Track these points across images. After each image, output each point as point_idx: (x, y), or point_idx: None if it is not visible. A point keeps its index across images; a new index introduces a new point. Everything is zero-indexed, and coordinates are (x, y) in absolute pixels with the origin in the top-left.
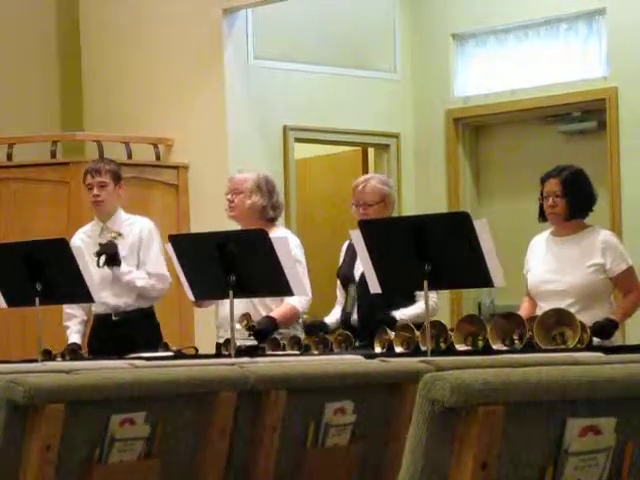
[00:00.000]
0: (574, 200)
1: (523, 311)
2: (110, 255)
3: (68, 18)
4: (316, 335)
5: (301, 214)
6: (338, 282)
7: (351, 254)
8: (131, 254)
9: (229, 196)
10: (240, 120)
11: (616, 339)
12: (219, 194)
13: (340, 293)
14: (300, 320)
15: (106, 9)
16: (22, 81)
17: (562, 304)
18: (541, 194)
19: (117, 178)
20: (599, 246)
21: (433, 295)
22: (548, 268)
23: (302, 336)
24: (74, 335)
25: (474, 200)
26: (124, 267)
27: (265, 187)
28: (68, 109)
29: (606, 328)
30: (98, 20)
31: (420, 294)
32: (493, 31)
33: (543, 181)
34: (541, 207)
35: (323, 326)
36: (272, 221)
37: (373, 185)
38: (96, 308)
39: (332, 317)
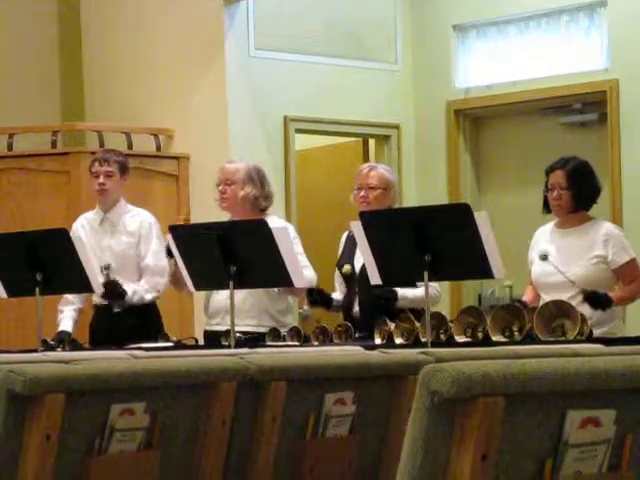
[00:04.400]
0: (579, 192)
1: (527, 296)
2: (116, 296)
3: (69, 8)
4: (318, 306)
5: (302, 205)
6: (336, 273)
7: (350, 245)
8: (130, 248)
9: (221, 187)
10: (241, 111)
11: (619, 330)
12: None
13: (338, 284)
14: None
15: (107, 0)
16: (22, 71)
17: (565, 296)
18: (546, 186)
19: (124, 170)
20: (601, 238)
21: (434, 284)
22: (551, 260)
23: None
24: (66, 321)
25: (474, 191)
26: (129, 292)
27: (257, 177)
28: (69, 99)
29: (599, 298)
30: (99, 11)
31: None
32: (494, 22)
33: (548, 173)
34: (545, 199)
35: (326, 298)
36: (263, 211)
37: (379, 171)
38: (97, 298)
39: (336, 295)
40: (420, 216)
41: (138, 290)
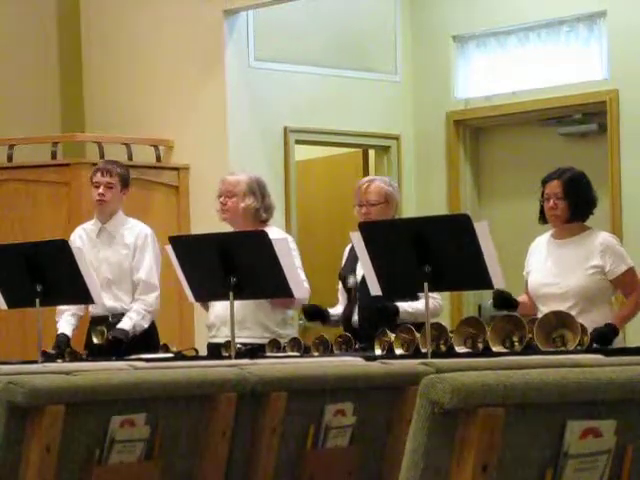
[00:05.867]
0: (575, 202)
1: (525, 300)
2: (121, 344)
3: (69, 19)
4: (315, 321)
5: (301, 216)
6: (340, 284)
7: (353, 256)
8: (126, 260)
9: (222, 199)
10: (241, 121)
11: (618, 341)
12: None
13: (341, 295)
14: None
15: (107, 11)
16: (23, 82)
17: (562, 307)
18: (542, 196)
19: (125, 183)
20: (598, 248)
21: (436, 296)
22: (548, 271)
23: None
24: (64, 325)
25: (474, 202)
26: (129, 328)
27: (258, 189)
28: (69, 110)
29: (606, 334)
30: (99, 22)
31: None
32: (494, 33)
33: (544, 183)
34: (542, 209)
35: (321, 313)
36: (264, 223)
37: (377, 185)
38: (94, 309)
39: (335, 310)
40: (420, 227)
41: (137, 323)
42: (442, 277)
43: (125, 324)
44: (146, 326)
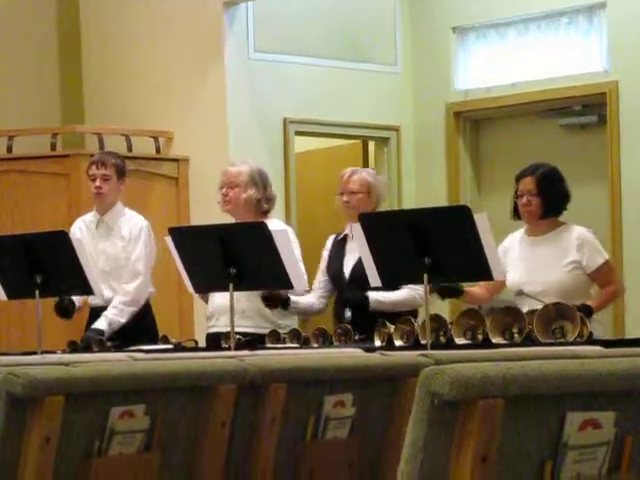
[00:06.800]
0: (548, 198)
1: (473, 290)
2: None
3: (68, 11)
4: (275, 308)
5: (301, 207)
6: (319, 276)
7: (339, 249)
8: (123, 251)
9: (223, 190)
10: (240, 113)
11: (597, 332)
12: None
13: (319, 287)
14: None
15: (106, 2)
16: (22, 73)
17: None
18: (515, 192)
19: (121, 173)
20: (574, 243)
21: (419, 287)
22: (526, 269)
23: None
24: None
25: (474, 194)
26: (105, 327)
27: (259, 180)
28: (68, 101)
29: (581, 311)
30: (99, 13)
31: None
32: (494, 24)
33: (518, 179)
34: (515, 205)
35: (281, 299)
36: (265, 214)
37: (360, 175)
38: (92, 300)
39: (301, 298)
40: (420, 218)
41: (112, 320)
42: (442, 268)
43: (101, 324)
44: (123, 321)
